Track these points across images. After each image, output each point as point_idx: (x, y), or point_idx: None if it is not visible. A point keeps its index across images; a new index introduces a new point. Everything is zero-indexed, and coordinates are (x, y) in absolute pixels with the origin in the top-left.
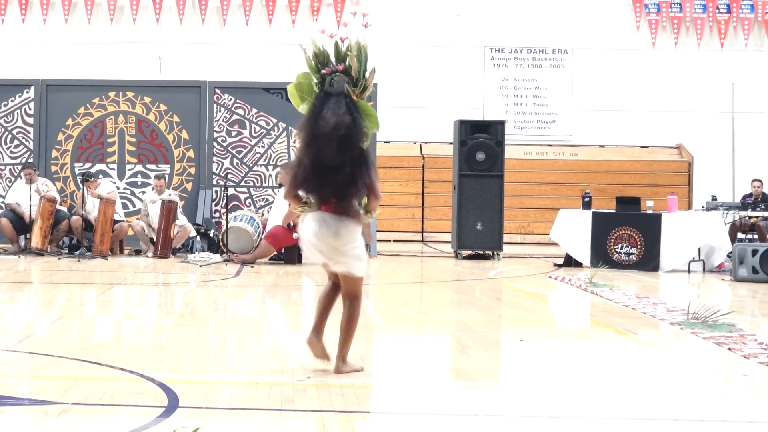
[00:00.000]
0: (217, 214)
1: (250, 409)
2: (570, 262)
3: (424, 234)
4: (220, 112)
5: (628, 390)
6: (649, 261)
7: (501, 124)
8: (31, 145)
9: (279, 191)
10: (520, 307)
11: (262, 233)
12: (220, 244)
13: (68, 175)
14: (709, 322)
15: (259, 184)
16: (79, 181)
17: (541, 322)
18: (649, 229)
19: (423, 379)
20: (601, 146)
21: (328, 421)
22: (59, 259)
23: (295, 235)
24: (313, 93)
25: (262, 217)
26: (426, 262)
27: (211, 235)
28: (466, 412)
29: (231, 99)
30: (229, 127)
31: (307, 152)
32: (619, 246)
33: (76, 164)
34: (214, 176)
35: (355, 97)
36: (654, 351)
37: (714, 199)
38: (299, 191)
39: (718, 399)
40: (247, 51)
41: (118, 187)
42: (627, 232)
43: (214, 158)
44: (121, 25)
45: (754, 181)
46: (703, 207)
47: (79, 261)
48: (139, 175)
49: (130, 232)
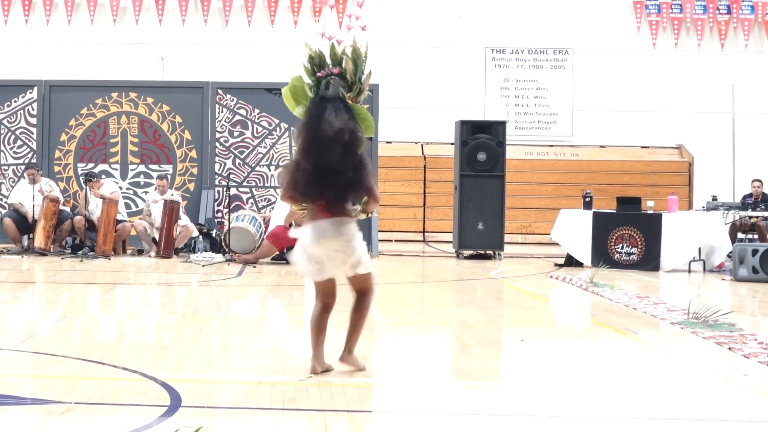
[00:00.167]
0: (220, 214)
1: (253, 409)
2: (571, 262)
3: (426, 234)
4: (223, 112)
5: (629, 389)
6: (649, 261)
7: (502, 124)
8: (34, 146)
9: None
10: (521, 307)
11: (264, 233)
12: (223, 244)
13: (71, 176)
14: (710, 322)
15: (261, 185)
16: (82, 181)
17: (542, 322)
18: (650, 229)
19: (424, 378)
20: (601, 146)
21: (330, 421)
22: (62, 258)
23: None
24: (308, 96)
25: (264, 217)
26: (427, 262)
27: (214, 235)
28: (468, 411)
29: (233, 99)
30: (231, 128)
31: (307, 156)
32: (620, 246)
33: (79, 164)
34: (217, 176)
35: (350, 101)
36: (654, 350)
37: (714, 199)
38: (295, 194)
39: (718, 398)
40: (249, 52)
41: (121, 188)
42: (627, 232)
43: (217, 158)
44: (124, 26)
45: (754, 181)
46: (703, 207)
47: (81, 261)
48: (142, 176)
49: (133, 232)
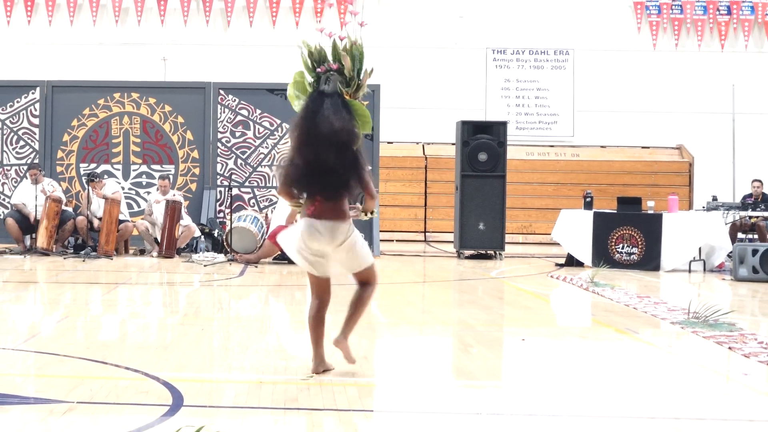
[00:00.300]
0: (221, 215)
1: (254, 408)
2: (571, 262)
3: (427, 234)
4: (225, 112)
5: (630, 389)
6: (650, 261)
7: (503, 124)
8: (36, 146)
9: None
10: (522, 307)
11: (266, 233)
12: (224, 244)
13: (73, 176)
14: (710, 322)
15: (263, 185)
16: (84, 181)
17: (543, 322)
18: (650, 229)
19: (426, 377)
20: (602, 147)
21: (332, 420)
22: (64, 258)
23: None
24: (307, 92)
25: (266, 217)
26: (428, 262)
27: (216, 235)
28: (469, 410)
29: (235, 100)
30: (233, 128)
31: (300, 152)
32: (621, 246)
33: (82, 165)
34: (219, 177)
35: (348, 97)
36: (655, 350)
37: (714, 199)
38: (291, 188)
39: (718, 398)
40: (251, 52)
41: (123, 188)
42: (628, 232)
43: (219, 159)
44: (126, 27)
45: (754, 182)
46: (703, 207)
47: (84, 261)
48: (144, 176)
49: (135, 232)
